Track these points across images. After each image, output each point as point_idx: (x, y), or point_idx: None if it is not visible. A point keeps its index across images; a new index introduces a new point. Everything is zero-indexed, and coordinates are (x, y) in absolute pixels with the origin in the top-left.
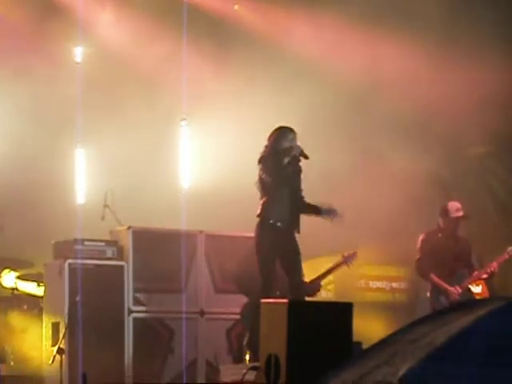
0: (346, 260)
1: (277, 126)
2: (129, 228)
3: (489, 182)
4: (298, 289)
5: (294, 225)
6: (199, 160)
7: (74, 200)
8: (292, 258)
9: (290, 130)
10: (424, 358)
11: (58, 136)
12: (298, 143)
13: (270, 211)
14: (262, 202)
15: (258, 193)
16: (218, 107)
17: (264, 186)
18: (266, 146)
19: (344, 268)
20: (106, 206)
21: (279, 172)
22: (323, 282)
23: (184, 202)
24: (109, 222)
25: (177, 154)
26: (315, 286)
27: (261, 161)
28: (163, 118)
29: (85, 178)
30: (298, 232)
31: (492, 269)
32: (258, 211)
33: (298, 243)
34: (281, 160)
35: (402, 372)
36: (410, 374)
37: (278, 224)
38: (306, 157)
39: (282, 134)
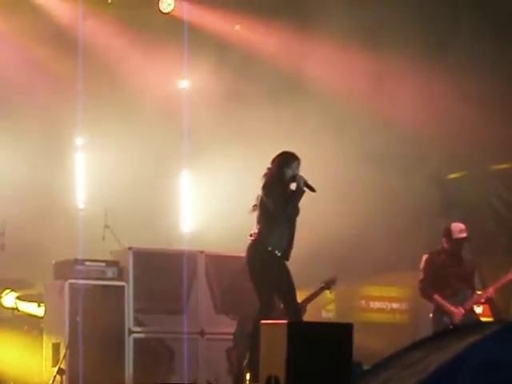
0: (327, 286)
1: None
2: (129, 248)
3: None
4: (296, 315)
5: (289, 254)
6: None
7: (75, 219)
8: (288, 287)
9: (294, 157)
10: None
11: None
12: (297, 171)
13: (269, 238)
14: (259, 226)
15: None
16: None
17: (265, 212)
18: (270, 169)
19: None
20: (106, 226)
21: (283, 200)
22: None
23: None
24: (109, 242)
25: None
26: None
27: (266, 186)
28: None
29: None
30: (287, 260)
31: (488, 294)
32: (254, 235)
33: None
34: (286, 189)
35: None
36: None
37: (276, 252)
38: (313, 189)
39: (285, 161)
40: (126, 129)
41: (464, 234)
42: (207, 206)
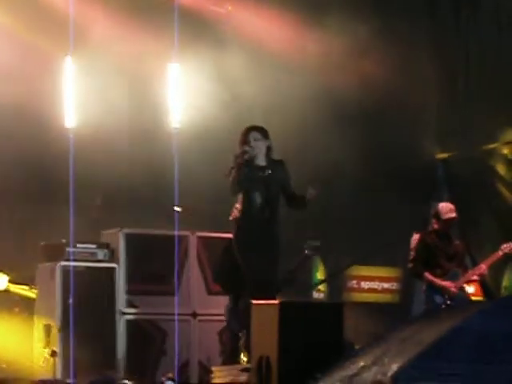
0: (312, 253)
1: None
2: (120, 230)
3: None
4: (262, 285)
5: (267, 226)
6: None
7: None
8: (264, 256)
9: (251, 129)
10: (414, 357)
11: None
12: (260, 143)
13: (240, 213)
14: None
15: None
16: None
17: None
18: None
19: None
20: (97, 206)
21: (248, 181)
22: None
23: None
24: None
25: None
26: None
27: (233, 169)
28: None
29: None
30: (270, 232)
31: (481, 270)
32: (232, 214)
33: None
34: (251, 170)
35: (392, 371)
36: (401, 373)
37: (247, 226)
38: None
39: (243, 137)
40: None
41: (453, 214)
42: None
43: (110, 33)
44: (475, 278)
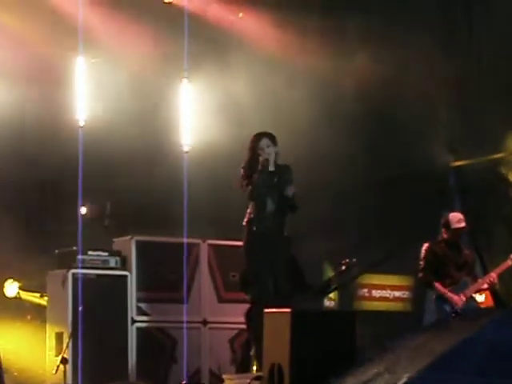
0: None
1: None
2: (132, 238)
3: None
4: (278, 294)
5: (279, 231)
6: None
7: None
8: (276, 264)
9: (262, 135)
10: (424, 367)
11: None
12: (271, 149)
13: (252, 219)
14: (248, 210)
15: None
16: None
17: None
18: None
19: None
20: (107, 215)
21: (260, 186)
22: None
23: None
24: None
25: None
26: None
27: (244, 172)
28: None
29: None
30: (282, 236)
31: (491, 279)
32: (244, 220)
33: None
34: (262, 175)
35: (402, 381)
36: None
37: (261, 230)
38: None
39: (254, 143)
40: None
41: (462, 224)
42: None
43: (120, 46)
44: (485, 286)
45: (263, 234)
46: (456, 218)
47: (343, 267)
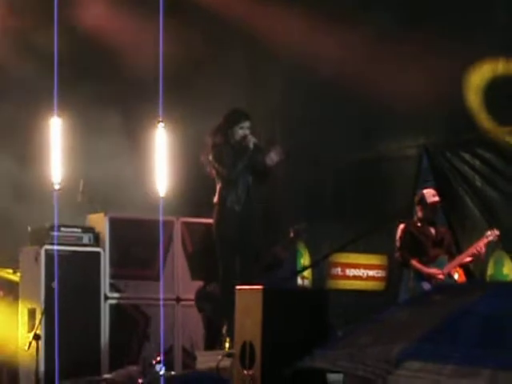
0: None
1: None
2: (106, 214)
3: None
4: (246, 271)
5: (251, 209)
6: None
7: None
8: (246, 241)
9: (246, 115)
10: (418, 339)
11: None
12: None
13: (225, 196)
14: (218, 188)
15: None
16: None
17: (219, 176)
18: (218, 129)
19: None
20: (82, 192)
21: (234, 166)
22: None
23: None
24: (85, 208)
25: None
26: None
27: (214, 149)
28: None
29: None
30: (254, 217)
31: (478, 248)
32: (215, 198)
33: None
34: (237, 156)
35: (396, 351)
36: (404, 354)
37: (235, 207)
38: (260, 149)
39: (236, 120)
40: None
41: (436, 198)
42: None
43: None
44: (469, 259)
45: (233, 211)
46: (430, 193)
47: (291, 234)
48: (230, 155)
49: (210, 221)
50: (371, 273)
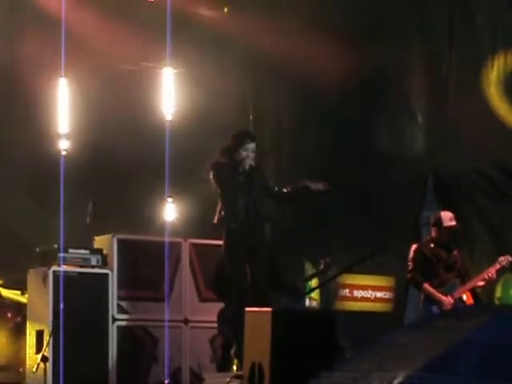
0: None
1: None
2: (113, 236)
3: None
4: (256, 290)
5: (255, 226)
6: None
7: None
8: (253, 260)
9: (251, 137)
10: (421, 368)
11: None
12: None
13: (224, 216)
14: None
15: None
16: None
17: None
18: (226, 150)
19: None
20: (90, 214)
21: (231, 184)
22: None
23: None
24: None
25: None
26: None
27: (214, 168)
28: None
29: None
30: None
31: (490, 275)
32: (215, 218)
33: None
34: (234, 174)
35: (398, 380)
36: (407, 383)
37: (233, 226)
38: (254, 169)
39: (241, 141)
40: None
41: (453, 222)
42: None
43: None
44: (481, 283)
45: (238, 232)
46: (448, 217)
47: (322, 266)
48: (228, 174)
49: (219, 242)
50: (379, 294)
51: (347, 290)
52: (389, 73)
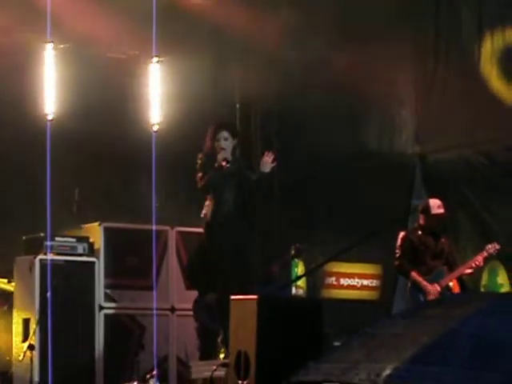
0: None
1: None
2: (100, 224)
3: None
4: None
5: (240, 219)
6: None
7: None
8: (234, 255)
9: (221, 127)
10: (409, 359)
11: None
12: (229, 142)
13: (209, 212)
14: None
15: None
16: None
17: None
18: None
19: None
20: (76, 201)
21: (208, 179)
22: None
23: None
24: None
25: None
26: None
27: (198, 159)
28: None
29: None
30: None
31: (477, 263)
32: (203, 212)
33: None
34: (216, 172)
35: (386, 372)
36: (394, 376)
37: (215, 222)
38: (227, 162)
39: (212, 134)
40: None
41: (442, 210)
42: None
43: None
44: (469, 271)
45: (221, 225)
46: (436, 204)
47: (292, 251)
48: (209, 175)
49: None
50: (365, 282)
51: (334, 278)
52: (376, 60)
